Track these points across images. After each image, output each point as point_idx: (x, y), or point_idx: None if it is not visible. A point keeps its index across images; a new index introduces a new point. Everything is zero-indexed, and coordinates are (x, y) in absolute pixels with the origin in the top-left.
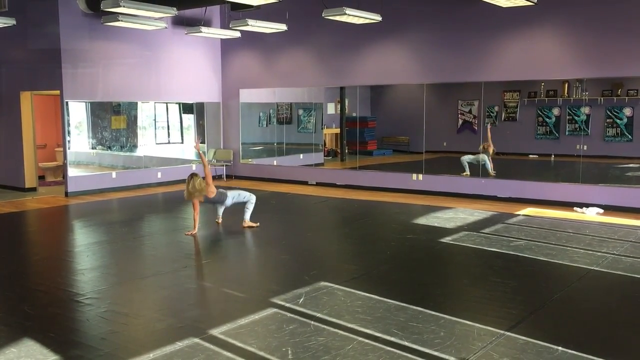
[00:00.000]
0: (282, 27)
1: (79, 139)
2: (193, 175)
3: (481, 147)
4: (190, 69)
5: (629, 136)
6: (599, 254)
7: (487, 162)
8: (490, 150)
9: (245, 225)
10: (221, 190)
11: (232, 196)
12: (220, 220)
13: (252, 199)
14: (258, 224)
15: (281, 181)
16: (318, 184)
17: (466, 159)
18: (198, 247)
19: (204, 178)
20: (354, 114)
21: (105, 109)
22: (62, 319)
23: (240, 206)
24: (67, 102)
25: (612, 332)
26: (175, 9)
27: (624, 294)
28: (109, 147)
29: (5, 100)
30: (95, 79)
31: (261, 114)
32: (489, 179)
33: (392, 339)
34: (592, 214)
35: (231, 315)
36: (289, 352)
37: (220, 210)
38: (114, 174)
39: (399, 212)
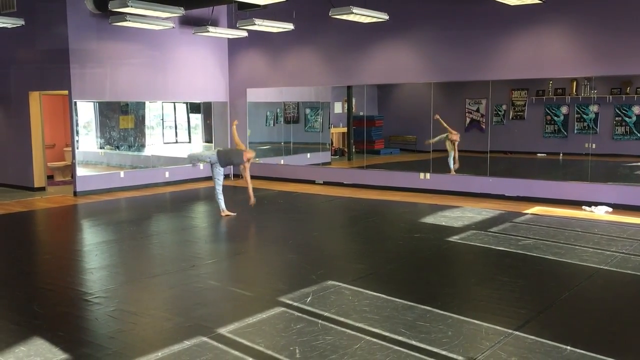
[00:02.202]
0: (289, 26)
1: (87, 139)
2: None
3: (445, 137)
4: (197, 69)
5: (638, 134)
6: (608, 252)
7: (451, 157)
8: (455, 138)
9: (225, 214)
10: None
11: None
12: (225, 213)
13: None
14: (235, 213)
15: (288, 180)
16: (325, 183)
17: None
18: (205, 246)
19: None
20: (361, 113)
21: (113, 108)
22: (71, 318)
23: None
24: (75, 102)
25: (621, 332)
26: (182, 8)
27: (633, 293)
28: (117, 147)
29: (14, 101)
30: (103, 79)
31: (268, 113)
32: (496, 178)
33: (400, 338)
34: (601, 213)
35: (239, 314)
36: (297, 351)
37: (220, 185)
38: (122, 174)
39: (407, 211)
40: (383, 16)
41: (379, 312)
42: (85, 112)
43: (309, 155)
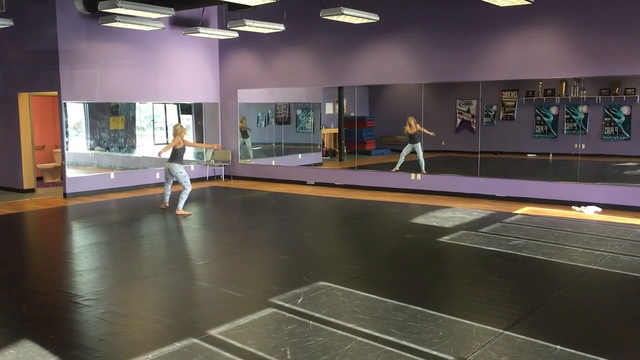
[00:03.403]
0: (280, 27)
1: (77, 140)
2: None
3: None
4: (188, 70)
5: (627, 135)
6: (597, 252)
7: (421, 156)
8: (418, 128)
9: (179, 213)
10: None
11: (181, 170)
12: (167, 205)
13: (188, 189)
14: (191, 213)
15: (280, 181)
16: (317, 184)
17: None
18: (196, 247)
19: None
20: (352, 114)
21: (104, 109)
22: (61, 321)
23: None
24: (65, 103)
25: (610, 331)
26: (172, 9)
27: (622, 292)
28: (107, 148)
29: (3, 102)
30: (93, 80)
31: (259, 114)
32: (486, 178)
33: (391, 338)
34: (590, 213)
35: (230, 315)
36: (288, 352)
37: (169, 184)
38: (112, 175)
39: (398, 212)
40: (373, 17)
41: (370, 313)
42: (75, 113)
43: (300, 156)
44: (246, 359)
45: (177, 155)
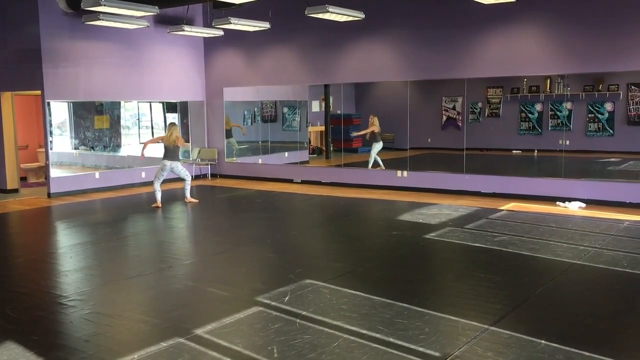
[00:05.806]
0: (265, 25)
1: (61, 140)
2: (173, 124)
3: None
4: (173, 68)
5: (610, 131)
6: (581, 247)
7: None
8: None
9: (188, 200)
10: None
11: (176, 165)
12: (159, 205)
13: (187, 178)
14: (197, 200)
15: (266, 179)
16: (303, 182)
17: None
18: (182, 246)
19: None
20: (339, 112)
21: (88, 108)
22: (46, 321)
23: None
24: (48, 102)
25: (594, 325)
26: (157, 7)
27: (606, 287)
28: (92, 147)
29: None
30: (77, 79)
31: (246, 112)
32: (472, 175)
33: (378, 335)
34: (574, 208)
35: (216, 314)
36: (275, 350)
37: (160, 182)
38: (97, 175)
39: (384, 209)
40: (359, 15)
41: (357, 310)
42: (59, 112)
43: (286, 154)
44: (233, 358)
45: (176, 152)
